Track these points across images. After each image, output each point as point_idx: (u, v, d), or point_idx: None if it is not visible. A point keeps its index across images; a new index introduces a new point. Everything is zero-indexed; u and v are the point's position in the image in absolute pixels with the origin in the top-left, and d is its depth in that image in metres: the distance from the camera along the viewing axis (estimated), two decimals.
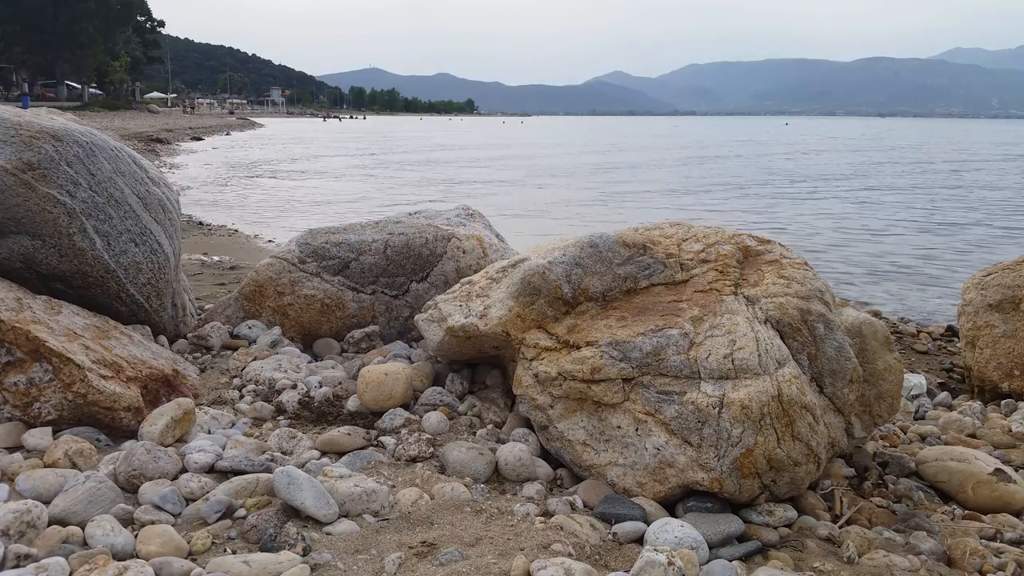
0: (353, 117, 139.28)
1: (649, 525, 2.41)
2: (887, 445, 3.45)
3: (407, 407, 3.28)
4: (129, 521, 2.26)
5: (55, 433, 2.79)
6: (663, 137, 67.65)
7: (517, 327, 3.07)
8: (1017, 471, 3.12)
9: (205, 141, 40.21)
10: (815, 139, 63.17)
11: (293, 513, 2.33)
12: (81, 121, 4.07)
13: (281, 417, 3.24)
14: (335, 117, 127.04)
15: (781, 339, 2.84)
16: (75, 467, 2.55)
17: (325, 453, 2.86)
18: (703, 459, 2.55)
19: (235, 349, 3.97)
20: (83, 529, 2.15)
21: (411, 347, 4.02)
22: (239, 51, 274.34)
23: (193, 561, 2.08)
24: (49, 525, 2.15)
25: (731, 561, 2.28)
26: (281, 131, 64.41)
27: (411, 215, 4.94)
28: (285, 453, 2.85)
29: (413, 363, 3.65)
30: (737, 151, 42.02)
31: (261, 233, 11.32)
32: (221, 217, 13.09)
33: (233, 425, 3.10)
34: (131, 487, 2.45)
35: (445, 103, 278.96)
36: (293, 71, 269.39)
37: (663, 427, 2.64)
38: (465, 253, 4.39)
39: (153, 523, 2.24)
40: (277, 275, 4.24)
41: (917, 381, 4.41)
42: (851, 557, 2.38)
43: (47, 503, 2.25)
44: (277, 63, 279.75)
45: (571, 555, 2.20)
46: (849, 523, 2.68)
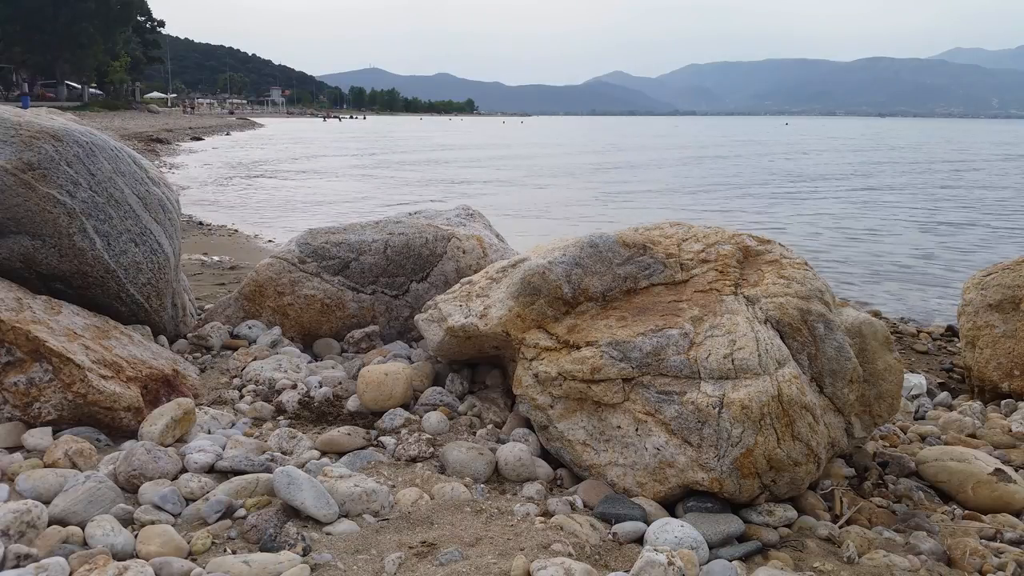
0: (353, 117, 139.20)
1: (649, 525, 2.41)
2: (887, 445, 3.45)
3: (407, 407, 3.28)
4: (129, 521, 2.26)
5: (55, 433, 2.79)
6: (663, 137, 67.67)
7: (517, 327, 3.07)
8: (1017, 471, 3.12)
9: (205, 141, 40.21)
10: (815, 139, 63.17)
11: (293, 513, 2.33)
12: (81, 121, 4.07)
13: (281, 417, 3.24)
14: (335, 117, 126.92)
15: (781, 339, 2.84)
16: (75, 467, 2.55)
17: (325, 453, 2.86)
18: (703, 459, 2.55)
19: (235, 349, 3.97)
20: (83, 529, 2.15)
21: (411, 347, 4.02)
22: (239, 51, 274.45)
23: (193, 561, 2.08)
24: (49, 525, 2.15)
25: (731, 561, 2.28)
26: (281, 131, 64.40)
27: (411, 215, 4.94)
28: (285, 453, 2.85)
29: (413, 363, 3.65)
30: (737, 151, 42.01)
31: (261, 233, 11.32)
32: (221, 217, 13.09)
33: (233, 425, 3.10)
34: (131, 487, 2.45)
35: (445, 103, 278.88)
36: (293, 71, 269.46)
37: (663, 427, 2.63)
38: (465, 253, 4.39)
39: (153, 523, 2.24)
40: (277, 275, 4.24)
41: (917, 381, 4.41)
42: (851, 557, 2.38)
43: (47, 503, 2.25)
44: (277, 63, 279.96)
45: (571, 555, 2.20)
46: (849, 523, 2.68)
